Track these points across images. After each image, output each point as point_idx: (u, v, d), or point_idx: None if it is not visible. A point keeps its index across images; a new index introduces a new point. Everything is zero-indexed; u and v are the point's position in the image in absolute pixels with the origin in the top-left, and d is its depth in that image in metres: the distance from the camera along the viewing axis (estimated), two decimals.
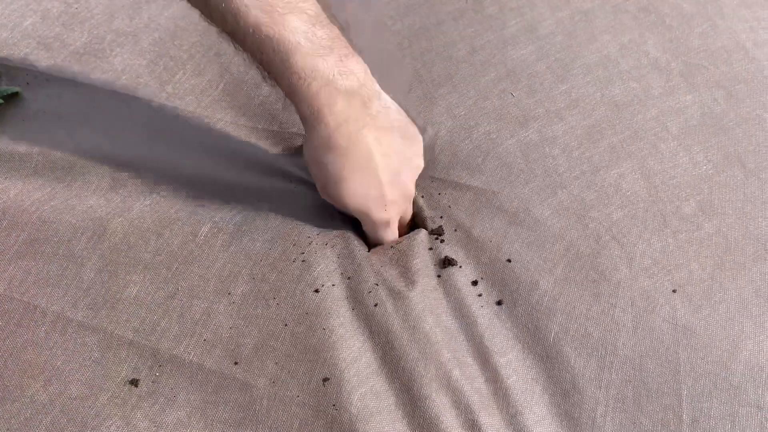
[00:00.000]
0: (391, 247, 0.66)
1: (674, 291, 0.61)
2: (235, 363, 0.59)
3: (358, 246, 0.66)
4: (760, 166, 0.68)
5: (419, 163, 0.67)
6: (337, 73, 0.59)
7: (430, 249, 0.66)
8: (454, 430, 0.55)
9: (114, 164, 0.73)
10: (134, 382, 0.59)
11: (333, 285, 0.63)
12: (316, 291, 0.63)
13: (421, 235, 0.67)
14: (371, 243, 0.68)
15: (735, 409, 0.55)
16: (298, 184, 0.72)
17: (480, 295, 0.62)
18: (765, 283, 0.60)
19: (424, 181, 0.71)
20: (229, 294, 0.63)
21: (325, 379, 0.58)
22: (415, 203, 0.69)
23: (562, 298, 0.61)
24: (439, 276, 0.64)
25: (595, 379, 0.57)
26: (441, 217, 0.68)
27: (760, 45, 0.77)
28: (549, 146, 0.72)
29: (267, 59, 0.58)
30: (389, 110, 0.64)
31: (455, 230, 0.67)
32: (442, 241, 0.66)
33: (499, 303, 0.62)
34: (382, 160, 0.62)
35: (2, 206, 0.68)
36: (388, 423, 0.56)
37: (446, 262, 0.64)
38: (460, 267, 0.64)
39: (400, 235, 0.68)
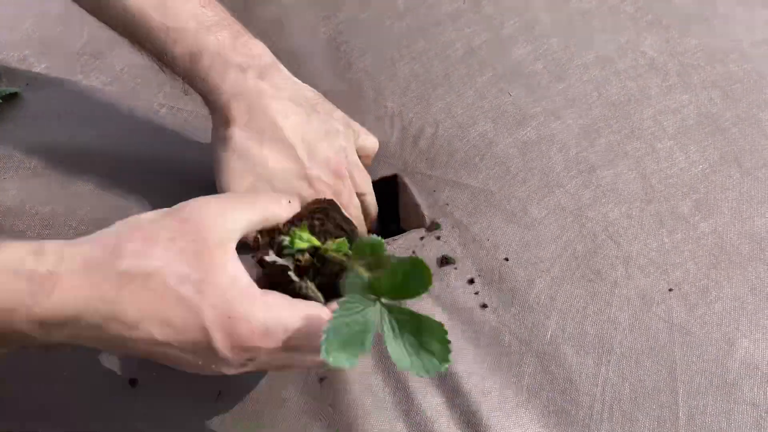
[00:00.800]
0: (388, 245, 0.66)
1: (670, 290, 0.61)
2: None
3: None
4: (756, 165, 0.68)
5: (341, 142, 0.64)
6: (230, 47, 0.59)
7: (427, 247, 0.66)
8: (451, 428, 0.55)
9: (114, 165, 0.73)
10: (132, 382, 0.59)
11: None
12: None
13: (418, 233, 0.67)
14: None
15: (730, 407, 0.55)
16: None
17: (476, 294, 0.62)
18: (760, 282, 0.61)
19: (421, 179, 0.71)
20: None
21: (322, 379, 0.58)
22: (411, 202, 0.70)
23: (558, 296, 0.61)
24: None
25: (591, 377, 0.57)
26: (438, 215, 0.69)
27: (756, 45, 0.78)
28: (546, 145, 0.72)
29: (161, 47, 0.59)
30: (297, 85, 0.63)
31: (452, 228, 0.67)
32: (439, 238, 0.67)
33: (496, 301, 0.62)
34: (292, 131, 0.60)
35: (1, 208, 0.68)
36: (384, 422, 0.56)
37: (443, 261, 0.65)
38: (456, 268, 0.64)
39: (369, 232, 0.68)
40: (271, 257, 0.49)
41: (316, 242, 0.51)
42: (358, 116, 0.77)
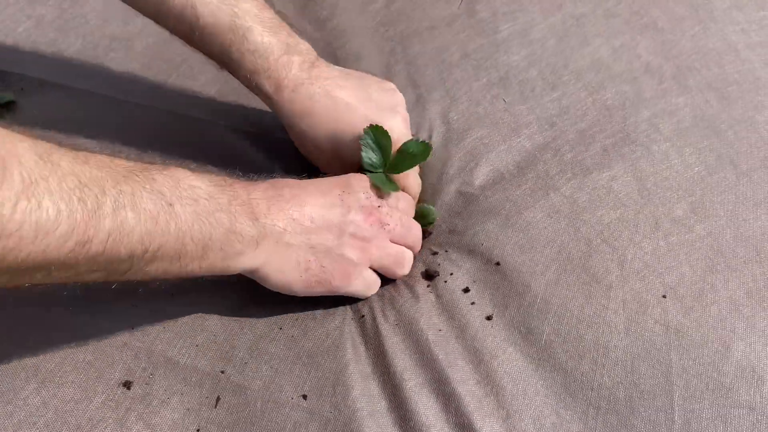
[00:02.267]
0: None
1: (665, 293, 0.61)
2: (229, 365, 0.60)
3: None
4: (752, 168, 0.68)
5: (405, 114, 0.70)
6: (289, 45, 0.65)
7: (422, 254, 0.66)
8: None
9: None
10: (127, 385, 0.59)
11: None
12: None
13: None
14: None
15: (727, 410, 0.54)
16: None
17: (471, 298, 0.62)
18: (756, 285, 0.60)
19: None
20: (224, 298, 0.63)
21: (319, 383, 0.58)
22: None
23: (553, 300, 0.61)
24: (431, 279, 0.64)
25: (587, 381, 0.57)
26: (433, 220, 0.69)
27: (751, 47, 0.78)
28: (540, 151, 0.72)
29: (225, 44, 0.64)
30: (349, 73, 0.68)
31: (448, 234, 0.67)
32: (435, 253, 0.66)
33: (490, 306, 0.62)
34: (360, 104, 0.65)
35: None
36: (380, 426, 0.56)
37: (438, 266, 0.64)
38: (451, 274, 0.64)
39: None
40: None
41: None
42: None
